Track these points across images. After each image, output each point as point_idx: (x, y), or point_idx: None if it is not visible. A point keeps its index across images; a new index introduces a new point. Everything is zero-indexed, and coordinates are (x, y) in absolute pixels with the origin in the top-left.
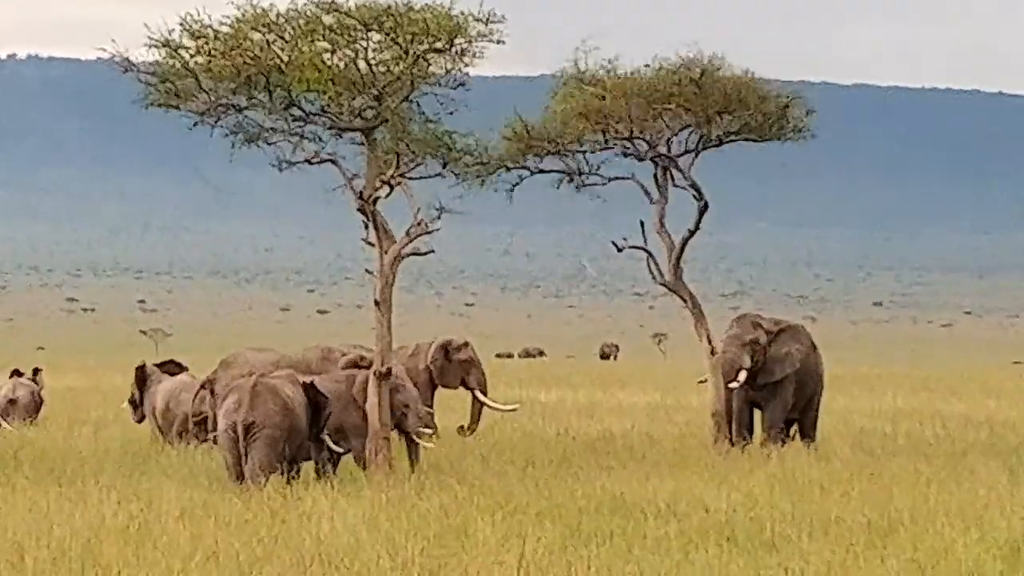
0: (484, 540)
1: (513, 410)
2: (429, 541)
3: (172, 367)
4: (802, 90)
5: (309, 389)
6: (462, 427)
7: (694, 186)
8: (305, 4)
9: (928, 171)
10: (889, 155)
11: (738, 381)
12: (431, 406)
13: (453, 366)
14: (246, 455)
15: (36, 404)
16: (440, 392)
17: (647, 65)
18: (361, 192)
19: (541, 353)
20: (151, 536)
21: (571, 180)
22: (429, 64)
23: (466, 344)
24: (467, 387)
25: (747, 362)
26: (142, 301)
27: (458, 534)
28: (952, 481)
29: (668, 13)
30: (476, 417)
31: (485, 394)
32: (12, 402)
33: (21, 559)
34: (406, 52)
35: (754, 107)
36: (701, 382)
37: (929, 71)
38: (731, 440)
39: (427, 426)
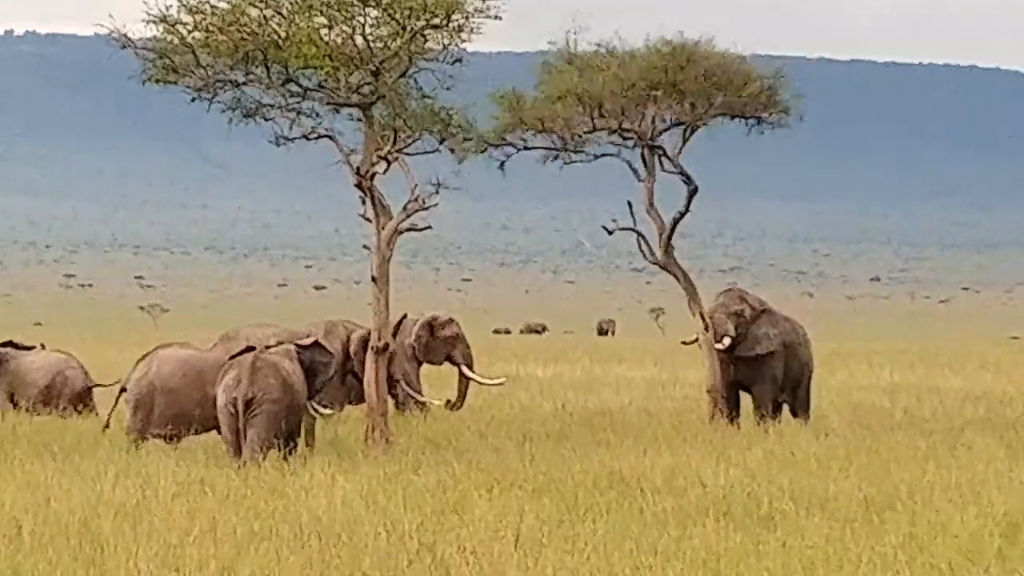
0: (481, 515)
1: (500, 384)
2: (426, 516)
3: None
4: (799, 66)
5: (308, 351)
6: (449, 402)
7: (682, 172)
8: None
9: (926, 147)
10: (885, 130)
11: (723, 344)
12: (417, 382)
13: (438, 343)
14: (245, 431)
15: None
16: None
17: (632, 50)
18: (358, 168)
19: (544, 329)
20: (149, 511)
21: (556, 157)
22: (426, 40)
23: (451, 320)
24: (453, 363)
25: (731, 330)
26: (140, 277)
27: (455, 509)
28: (950, 456)
29: None
30: (463, 393)
31: (471, 369)
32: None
33: (19, 534)
34: (403, 28)
35: (738, 88)
36: (686, 342)
37: (926, 46)
38: (728, 416)
39: (417, 402)
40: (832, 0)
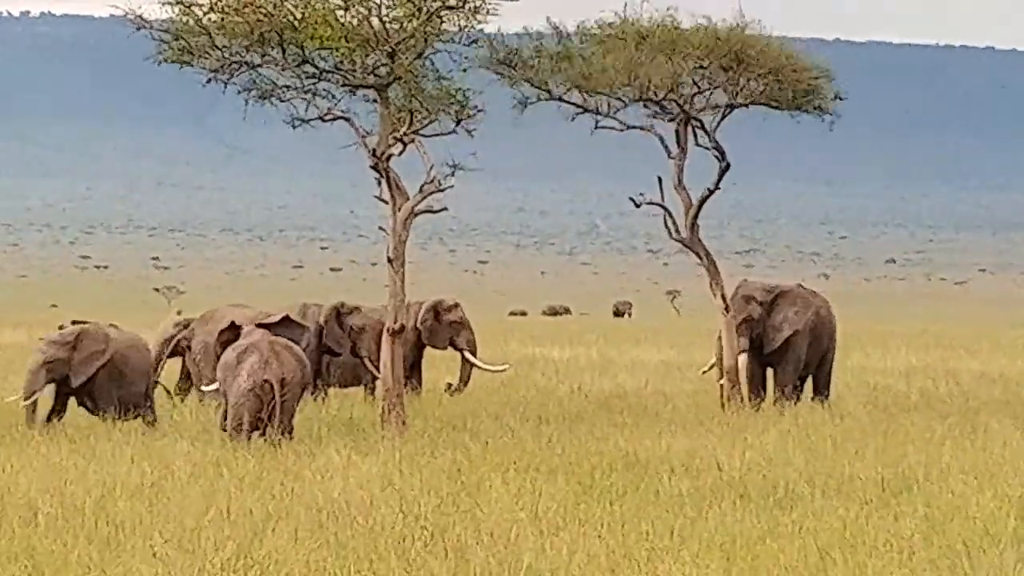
0: (497, 497)
1: (502, 370)
2: (443, 498)
3: None
4: (815, 48)
5: (279, 328)
6: (450, 386)
7: (717, 147)
8: None
9: (942, 129)
10: (903, 113)
11: (742, 360)
12: (419, 366)
13: (443, 327)
14: (272, 412)
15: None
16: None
17: (685, 27)
18: (374, 149)
19: (567, 310)
20: (164, 493)
21: (582, 112)
22: (442, 21)
23: (456, 305)
24: (456, 348)
25: (744, 343)
26: (155, 258)
27: (471, 491)
28: (966, 438)
29: None
30: (466, 378)
31: (475, 355)
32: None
33: (35, 516)
34: (419, 9)
35: (787, 76)
36: (705, 372)
37: (943, 28)
38: (745, 398)
39: (414, 387)
40: None
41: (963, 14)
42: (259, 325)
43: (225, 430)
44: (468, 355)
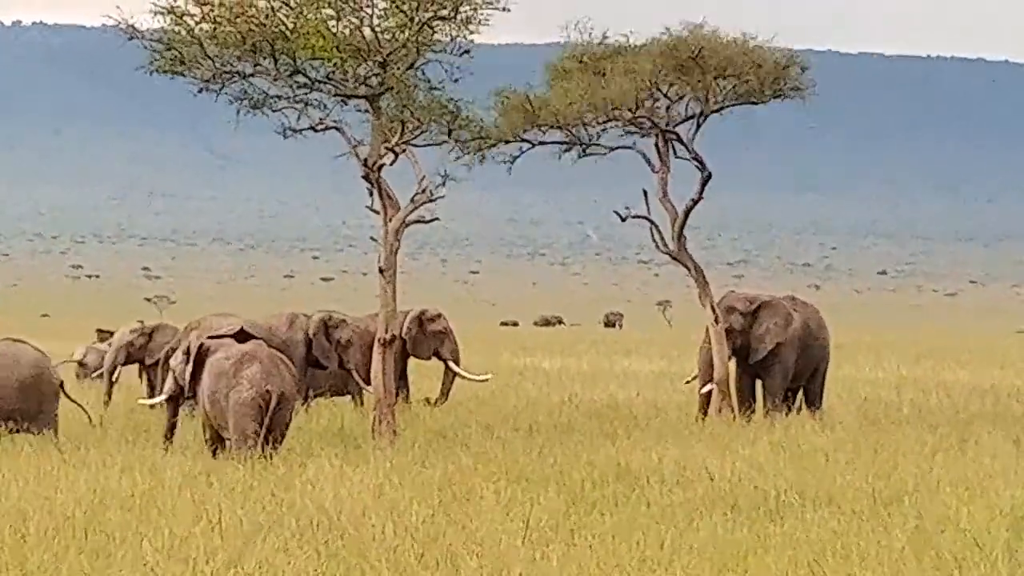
0: (488, 508)
1: (485, 379)
2: (434, 509)
3: None
4: (807, 58)
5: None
6: (428, 400)
7: (696, 158)
8: None
9: (933, 140)
10: (894, 124)
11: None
12: (404, 376)
13: (427, 337)
14: (271, 423)
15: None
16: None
17: (642, 43)
18: (366, 159)
19: (560, 321)
20: (154, 503)
21: (569, 149)
22: (434, 31)
23: (440, 315)
24: (440, 358)
25: (725, 353)
26: (146, 268)
27: (463, 502)
28: (957, 450)
29: None
30: (447, 388)
31: (458, 364)
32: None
33: (25, 526)
34: (411, 19)
35: (750, 72)
36: (688, 382)
37: (935, 39)
38: (742, 407)
39: (403, 396)
40: None
41: (954, 25)
42: (211, 337)
43: (209, 442)
44: (452, 365)
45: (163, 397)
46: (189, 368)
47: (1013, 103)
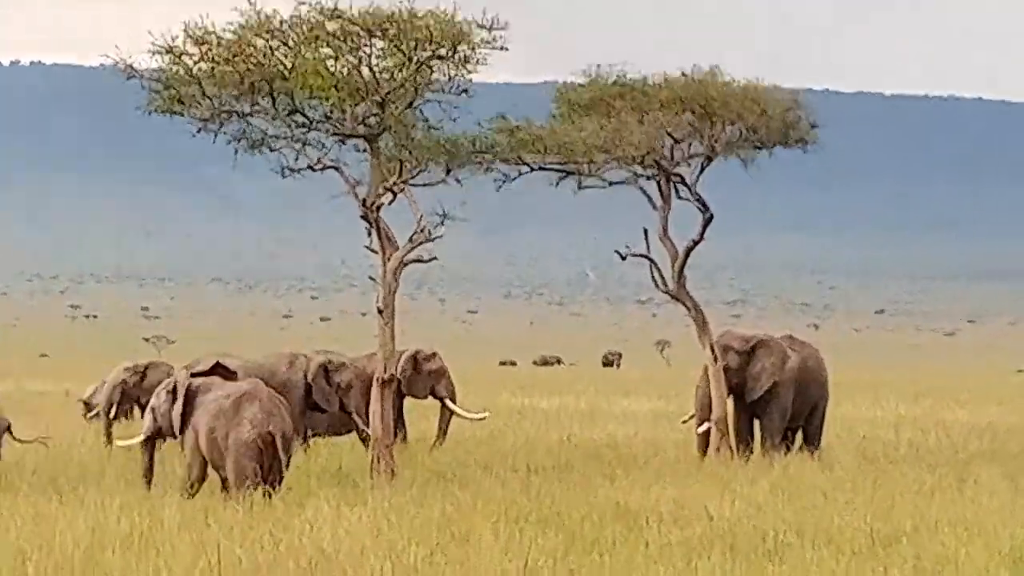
0: (487, 547)
1: (482, 418)
2: (432, 549)
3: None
4: (805, 98)
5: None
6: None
7: (699, 199)
8: (308, 10)
9: (931, 178)
10: (892, 162)
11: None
12: (400, 415)
13: (423, 376)
14: (272, 465)
15: None
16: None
17: (652, 84)
18: (364, 199)
19: (559, 360)
20: (153, 544)
21: (565, 176)
22: (432, 71)
23: (435, 354)
24: (436, 397)
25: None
26: (145, 308)
27: (461, 541)
28: (955, 489)
29: (668, 22)
30: (445, 428)
31: (455, 403)
32: None
33: (24, 566)
34: (409, 59)
35: (757, 117)
36: (685, 421)
37: (932, 79)
38: (740, 447)
39: (400, 436)
40: (837, 32)
41: (952, 65)
42: (194, 375)
43: (192, 485)
44: (449, 403)
45: (141, 438)
46: (179, 407)
47: (1011, 142)
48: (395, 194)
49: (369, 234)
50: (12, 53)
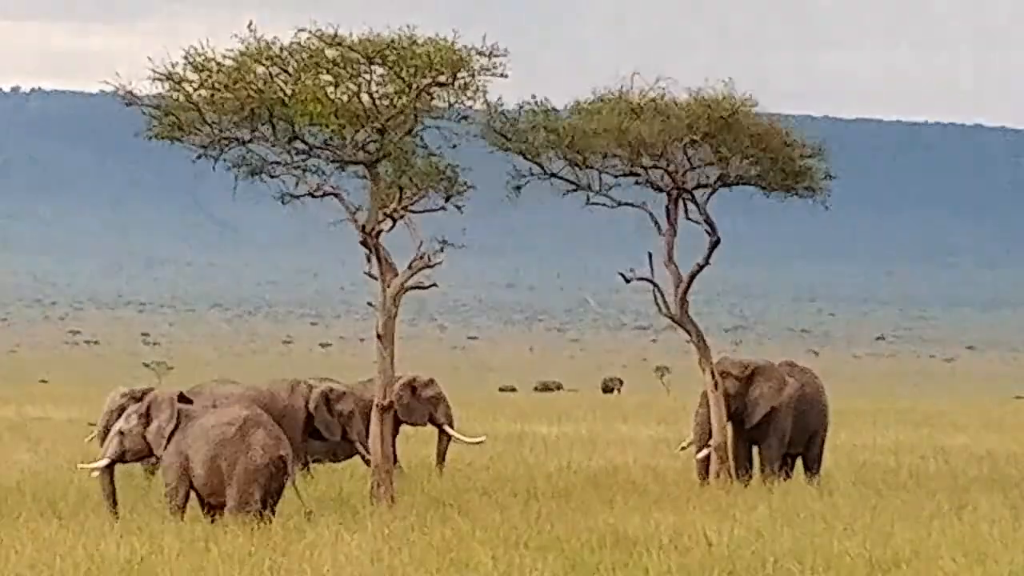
0: (486, 573)
1: (480, 442)
2: (431, 574)
3: None
4: (804, 124)
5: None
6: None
7: (708, 221)
8: (308, 38)
9: (930, 206)
10: (891, 189)
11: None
12: (394, 443)
13: (421, 403)
14: (277, 489)
15: None
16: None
17: (677, 100)
18: (364, 225)
19: (559, 387)
20: (153, 570)
21: (574, 190)
22: (432, 98)
23: (431, 380)
24: (435, 423)
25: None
26: (145, 334)
27: (460, 568)
28: (955, 516)
29: (668, 46)
30: (443, 453)
31: (452, 428)
32: None
33: None
34: (409, 86)
35: (777, 152)
36: (684, 448)
37: (932, 105)
38: (739, 473)
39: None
40: (837, 59)
41: (952, 91)
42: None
43: (179, 508)
44: (448, 429)
45: (105, 462)
46: (169, 429)
47: (1010, 169)
48: (395, 220)
49: (369, 260)
50: (12, 80)
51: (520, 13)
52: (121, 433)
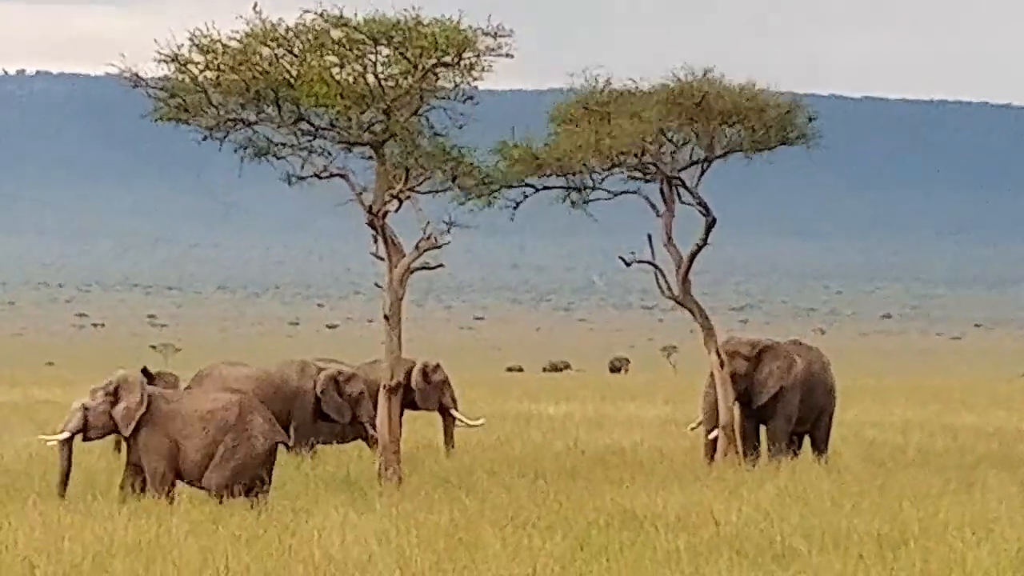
0: (494, 554)
1: (480, 424)
2: (439, 555)
3: None
4: (810, 102)
5: None
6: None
7: (701, 203)
8: (314, 19)
9: (937, 183)
10: (898, 168)
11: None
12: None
13: (433, 388)
14: (270, 472)
15: None
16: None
17: (645, 90)
18: (370, 206)
19: (567, 366)
20: (161, 551)
21: (570, 194)
22: (438, 78)
23: (438, 365)
24: (443, 406)
25: (731, 397)
26: (152, 316)
27: (468, 548)
28: (962, 493)
29: (671, 26)
30: (452, 434)
31: (456, 410)
32: None
33: (32, 574)
34: (415, 66)
35: (755, 118)
36: (693, 428)
37: (938, 83)
38: (747, 452)
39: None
40: (843, 37)
41: (958, 69)
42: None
43: (168, 491)
44: (455, 412)
45: (65, 435)
46: (140, 411)
47: (1017, 147)
48: (401, 201)
49: (375, 241)
50: (18, 62)
51: None
52: (85, 408)
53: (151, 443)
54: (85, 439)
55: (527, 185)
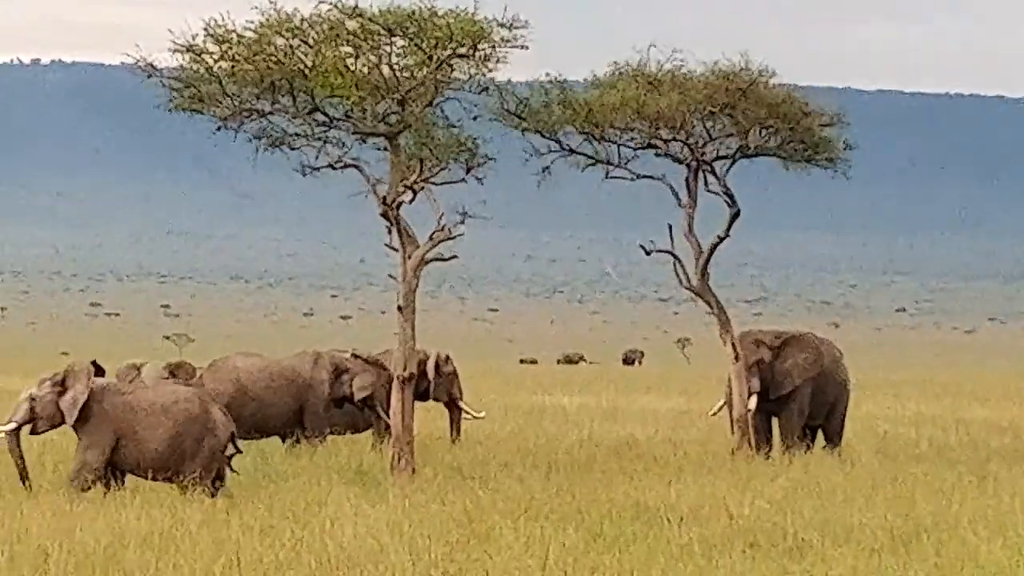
0: (507, 545)
1: (482, 417)
2: (452, 546)
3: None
4: (826, 96)
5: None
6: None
7: (728, 192)
8: (329, 9)
9: (952, 178)
10: (913, 161)
11: (750, 408)
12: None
13: (445, 380)
14: (228, 461)
15: None
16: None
17: (693, 74)
18: (384, 197)
19: (581, 358)
20: (174, 541)
21: (594, 164)
22: (453, 69)
23: (448, 357)
24: (452, 398)
25: (756, 385)
26: (166, 306)
27: (481, 539)
28: (976, 487)
29: (691, 15)
30: (459, 426)
31: (463, 401)
32: None
33: (45, 563)
34: (430, 57)
35: (796, 122)
36: (714, 413)
37: (953, 77)
38: (760, 445)
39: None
40: (859, 30)
41: (973, 63)
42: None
43: (94, 482)
44: (463, 404)
45: (12, 426)
46: (82, 401)
47: None
48: (415, 192)
49: (389, 232)
50: (32, 52)
51: None
52: (32, 399)
53: (92, 434)
54: (33, 432)
55: (553, 139)
